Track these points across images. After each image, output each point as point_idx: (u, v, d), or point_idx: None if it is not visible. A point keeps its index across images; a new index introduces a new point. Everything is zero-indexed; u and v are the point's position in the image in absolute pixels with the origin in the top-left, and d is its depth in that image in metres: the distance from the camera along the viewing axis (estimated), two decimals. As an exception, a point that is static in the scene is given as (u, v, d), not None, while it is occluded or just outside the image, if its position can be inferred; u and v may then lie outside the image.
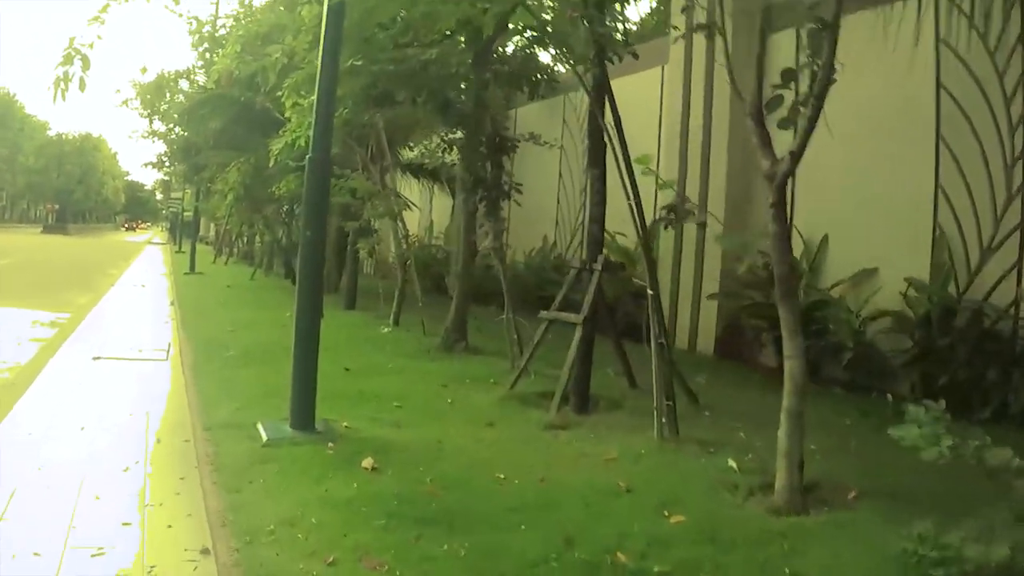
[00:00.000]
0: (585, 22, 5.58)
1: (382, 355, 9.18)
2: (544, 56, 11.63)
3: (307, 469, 4.92)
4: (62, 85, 5.05)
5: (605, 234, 13.20)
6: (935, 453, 3.47)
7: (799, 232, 10.32)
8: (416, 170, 16.78)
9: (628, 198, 5.75)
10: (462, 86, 8.28)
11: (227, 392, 6.99)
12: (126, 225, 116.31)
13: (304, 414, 5.66)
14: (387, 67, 7.30)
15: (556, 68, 12.67)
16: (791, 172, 4.86)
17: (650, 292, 5.90)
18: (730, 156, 11.17)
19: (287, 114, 8.35)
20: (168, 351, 9.46)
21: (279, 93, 7.98)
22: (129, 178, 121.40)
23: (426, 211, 20.15)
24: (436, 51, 7.42)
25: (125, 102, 18.67)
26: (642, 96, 13.65)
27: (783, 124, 5.08)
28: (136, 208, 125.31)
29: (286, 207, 20.18)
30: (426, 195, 19.22)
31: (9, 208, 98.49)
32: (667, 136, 12.80)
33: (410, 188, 18.06)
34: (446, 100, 7.71)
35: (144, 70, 24.97)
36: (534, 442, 5.93)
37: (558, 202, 15.05)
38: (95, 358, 8.80)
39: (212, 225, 43.60)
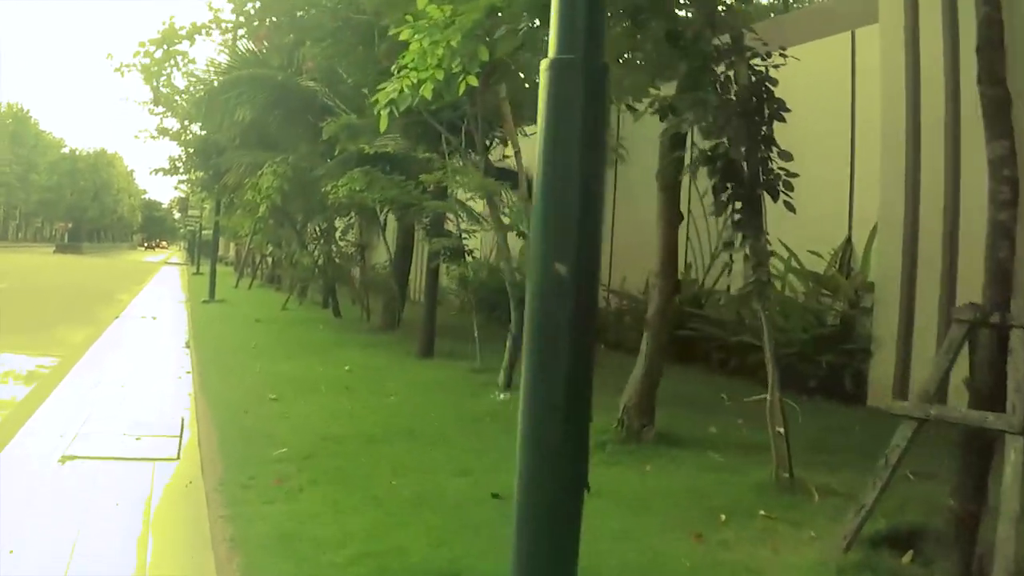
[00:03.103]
0: None
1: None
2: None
3: None
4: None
5: (781, 252, 9.78)
6: None
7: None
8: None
9: None
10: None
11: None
12: (145, 244, 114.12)
13: None
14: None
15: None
16: None
17: None
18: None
19: (403, 35, 4.81)
20: (180, 440, 6.02)
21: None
22: (146, 197, 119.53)
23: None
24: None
25: (120, 69, 15.09)
26: (821, 68, 10.18)
27: None
28: (153, 227, 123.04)
29: (324, 224, 16.75)
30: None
31: (23, 227, 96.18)
32: (863, 118, 9.34)
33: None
34: (675, 28, 4.25)
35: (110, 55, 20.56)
36: None
37: (689, 212, 11.50)
38: (64, 458, 5.39)
39: (232, 244, 40.37)
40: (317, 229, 17.73)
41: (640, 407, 5.78)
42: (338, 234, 16.95)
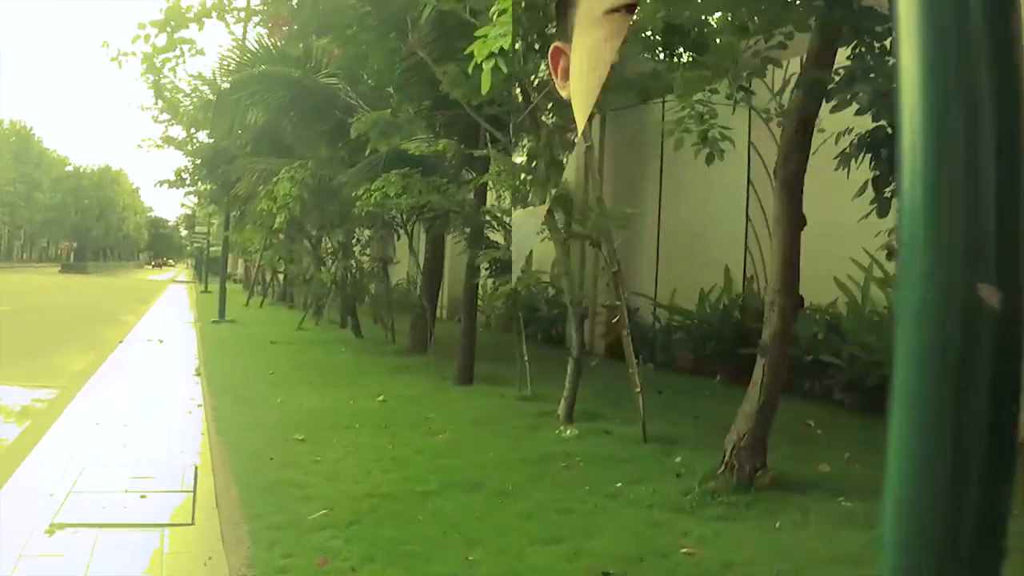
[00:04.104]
0: None
1: (628, 509, 4.58)
2: None
3: None
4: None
5: (861, 259, 8.72)
6: None
7: None
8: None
9: None
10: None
11: None
12: (152, 263, 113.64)
13: None
14: None
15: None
16: None
17: None
18: None
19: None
20: (194, 497, 4.99)
21: None
22: (152, 214, 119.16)
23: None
24: None
25: (116, 58, 13.68)
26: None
27: None
28: (160, 245, 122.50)
29: (342, 238, 15.70)
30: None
31: (28, 246, 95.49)
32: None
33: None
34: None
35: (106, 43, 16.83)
36: None
37: (748, 219, 10.48)
38: (52, 527, 4.37)
39: (241, 261, 39.40)
40: (336, 243, 16.70)
41: (753, 447, 4.73)
42: (357, 248, 15.91)
